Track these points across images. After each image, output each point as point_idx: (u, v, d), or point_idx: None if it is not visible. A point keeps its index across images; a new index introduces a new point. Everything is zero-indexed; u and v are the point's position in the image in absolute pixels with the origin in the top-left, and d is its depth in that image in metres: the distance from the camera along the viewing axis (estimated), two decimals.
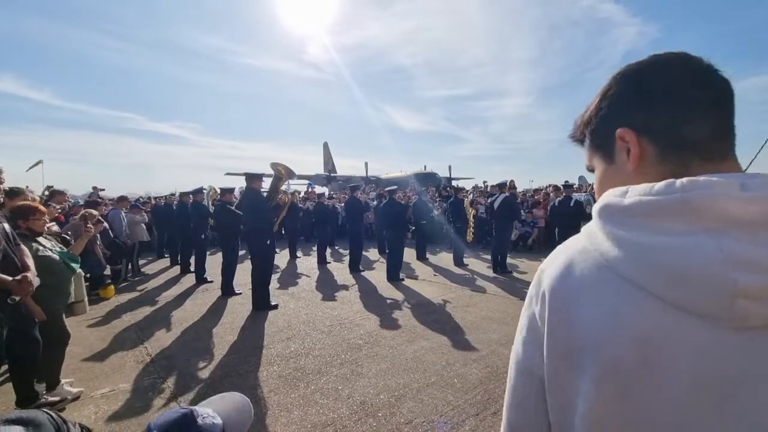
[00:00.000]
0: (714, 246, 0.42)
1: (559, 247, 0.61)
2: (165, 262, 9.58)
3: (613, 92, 0.57)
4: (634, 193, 0.49)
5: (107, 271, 6.56)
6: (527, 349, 0.60)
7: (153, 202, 12.51)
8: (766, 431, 0.43)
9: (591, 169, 0.62)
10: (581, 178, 13.81)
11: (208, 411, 0.70)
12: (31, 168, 5.39)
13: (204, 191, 8.42)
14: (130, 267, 7.82)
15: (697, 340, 0.45)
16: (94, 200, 6.65)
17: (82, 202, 6.60)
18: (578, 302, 0.52)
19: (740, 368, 0.43)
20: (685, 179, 0.46)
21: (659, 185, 0.47)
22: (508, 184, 8.15)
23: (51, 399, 2.90)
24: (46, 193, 6.43)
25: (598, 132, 0.59)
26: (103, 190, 10.96)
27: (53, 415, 0.65)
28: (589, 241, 0.55)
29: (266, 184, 5.72)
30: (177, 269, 8.41)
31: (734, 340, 0.44)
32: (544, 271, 0.59)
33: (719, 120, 0.52)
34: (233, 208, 6.53)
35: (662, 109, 0.53)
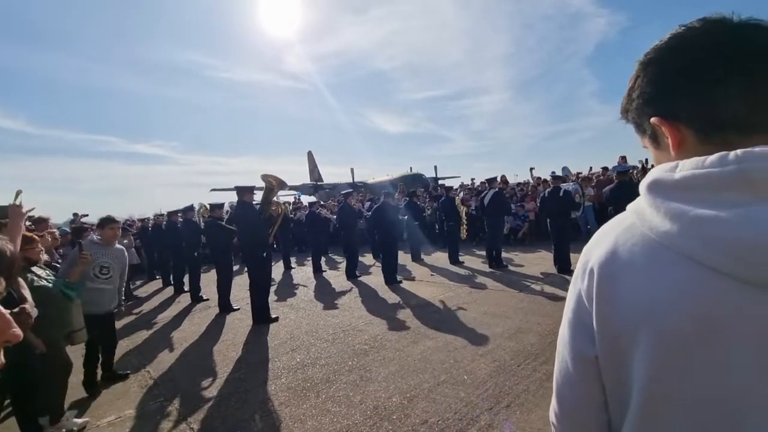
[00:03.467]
0: None
1: (604, 226, 0.60)
2: (157, 283, 9.41)
3: (639, 81, 0.56)
4: (685, 167, 0.49)
5: None
6: (574, 329, 0.60)
7: (139, 224, 12.25)
8: None
9: (646, 147, 0.62)
10: (565, 168, 14.01)
11: None
12: (15, 200, 5.23)
13: (194, 209, 8.31)
14: (122, 291, 7.66)
15: (763, 313, 0.44)
16: (80, 226, 6.50)
17: (69, 230, 6.44)
18: (629, 277, 0.52)
19: None
20: (739, 151, 0.45)
21: (712, 158, 0.47)
22: (499, 179, 8.24)
23: None
24: (28, 223, 6.28)
25: (637, 120, 0.59)
26: (87, 215, 10.73)
27: None
28: (637, 217, 0.54)
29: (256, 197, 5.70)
30: (170, 290, 8.27)
31: None
32: (591, 249, 0.59)
33: (755, 92, 0.49)
34: (224, 223, 6.48)
35: (688, 94, 0.51)
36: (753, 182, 0.44)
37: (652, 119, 0.54)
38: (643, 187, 0.54)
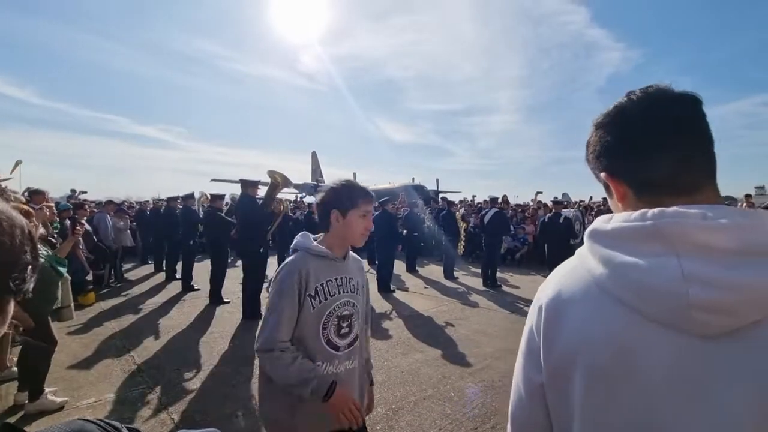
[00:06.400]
0: (676, 266, 0.49)
1: (558, 267, 0.69)
2: (149, 268, 9.32)
3: (591, 140, 0.65)
4: (617, 219, 0.57)
5: (89, 276, 6.35)
6: (525, 358, 0.69)
7: (137, 206, 12.18)
8: (728, 427, 0.48)
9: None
10: (565, 195, 14.08)
11: None
12: (14, 170, 5.23)
13: (195, 197, 8.28)
14: (112, 272, 7.59)
15: (669, 347, 0.51)
16: (80, 202, 6.47)
17: (70, 205, 6.39)
18: (569, 314, 0.60)
19: (706, 371, 0.50)
20: (656, 209, 0.53)
21: (636, 214, 0.55)
22: (500, 199, 8.27)
23: (34, 409, 2.77)
24: (25, 194, 6.23)
25: (594, 173, 0.67)
26: (86, 192, 10.70)
27: (102, 423, 0.62)
28: (579, 260, 0.63)
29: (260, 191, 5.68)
30: (161, 276, 8.19)
31: (700, 347, 0.50)
32: (543, 288, 0.68)
33: (682, 157, 0.56)
34: (223, 215, 6.45)
35: (626, 157, 0.60)
36: (664, 236, 0.51)
37: (602, 174, 0.64)
38: (586, 233, 0.61)
